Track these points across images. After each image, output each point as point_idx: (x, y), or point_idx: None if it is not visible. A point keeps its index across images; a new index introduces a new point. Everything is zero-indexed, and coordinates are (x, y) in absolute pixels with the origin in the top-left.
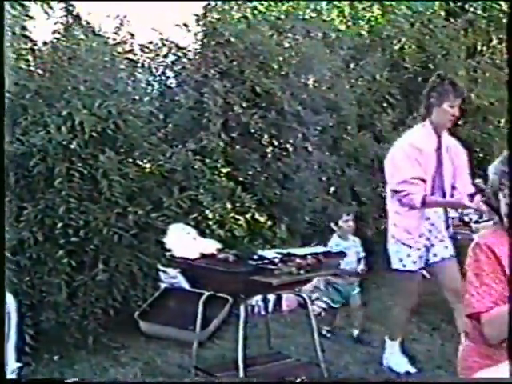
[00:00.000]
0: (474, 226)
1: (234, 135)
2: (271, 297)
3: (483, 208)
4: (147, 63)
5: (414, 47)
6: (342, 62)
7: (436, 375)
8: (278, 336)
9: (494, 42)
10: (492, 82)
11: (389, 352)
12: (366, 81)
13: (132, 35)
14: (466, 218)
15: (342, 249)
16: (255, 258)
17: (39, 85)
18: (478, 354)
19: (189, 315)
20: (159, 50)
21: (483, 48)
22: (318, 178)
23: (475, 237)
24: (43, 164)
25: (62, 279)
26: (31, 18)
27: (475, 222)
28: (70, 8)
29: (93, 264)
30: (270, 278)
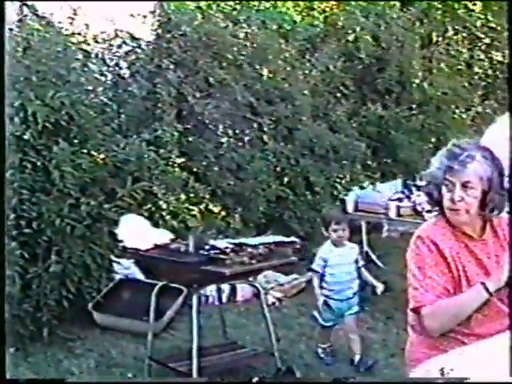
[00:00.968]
0: (427, 216)
1: (187, 126)
2: (226, 287)
3: None
4: (101, 53)
5: (369, 38)
6: (297, 52)
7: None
8: (234, 326)
9: (450, 32)
10: (446, 72)
11: None
12: (321, 71)
13: (86, 25)
14: (418, 207)
15: (336, 256)
16: (207, 248)
17: None
18: (425, 345)
19: (143, 306)
20: (113, 40)
21: (439, 39)
22: (273, 167)
23: None
24: None
25: (15, 271)
26: None
27: (427, 211)
28: None
29: (46, 255)
30: (222, 267)
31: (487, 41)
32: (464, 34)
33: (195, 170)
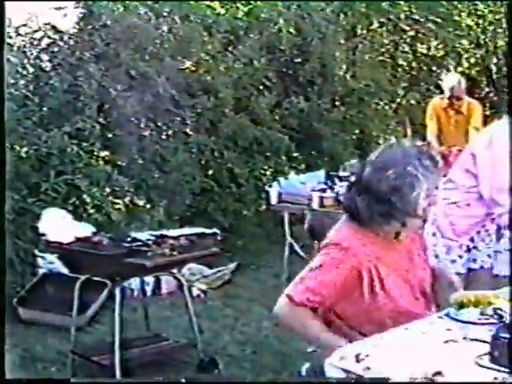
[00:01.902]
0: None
1: (110, 119)
2: (150, 280)
3: None
4: (22, 46)
5: (292, 30)
6: (220, 45)
7: None
8: (157, 319)
9: (375, 25)
10: (370, 64)
11: None
12: (244, 64)
13: (9, 19)
14: (341, 197)
15: None
16: (129, 240)
17: None
18: None
19: (68, 301)
20: (34, 33)
21: (363, 31)
22: (197, 160)
23: None
24: None
25: None
26: None
27: None
28: None
29: None
30: (143, 259)
31: (412, 33)
32: (389, 27)
33: (119, 163)
